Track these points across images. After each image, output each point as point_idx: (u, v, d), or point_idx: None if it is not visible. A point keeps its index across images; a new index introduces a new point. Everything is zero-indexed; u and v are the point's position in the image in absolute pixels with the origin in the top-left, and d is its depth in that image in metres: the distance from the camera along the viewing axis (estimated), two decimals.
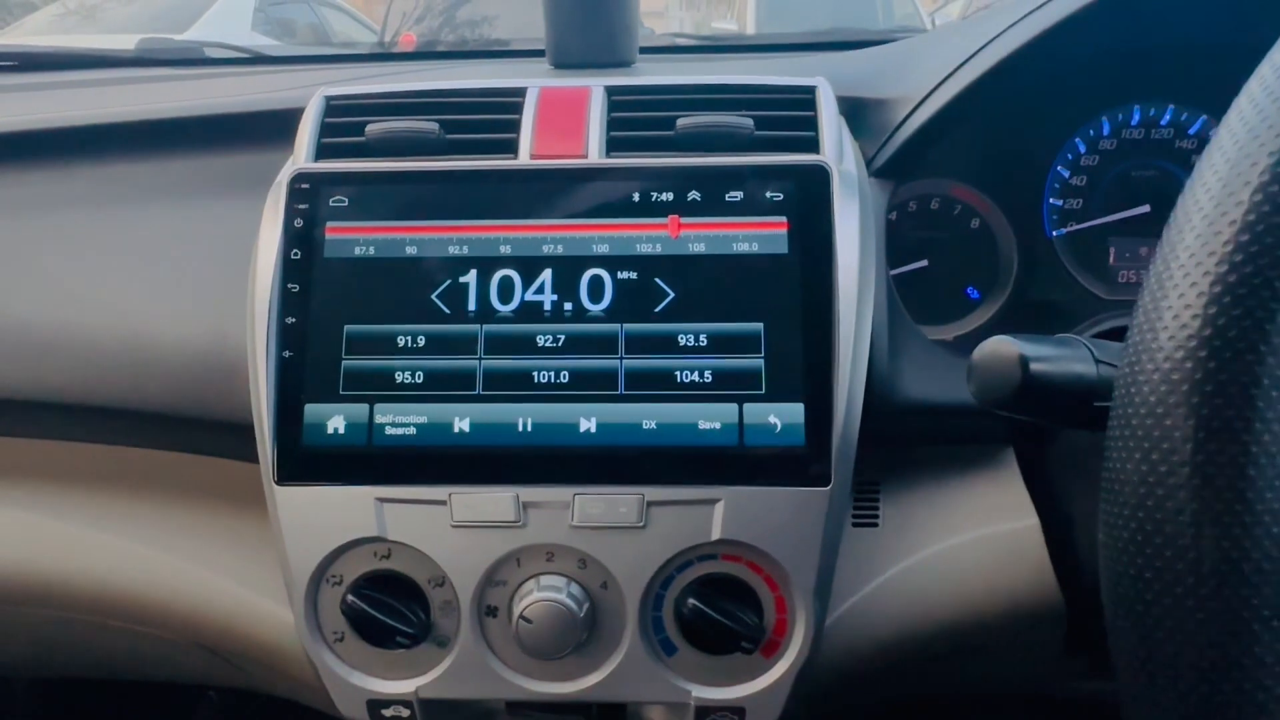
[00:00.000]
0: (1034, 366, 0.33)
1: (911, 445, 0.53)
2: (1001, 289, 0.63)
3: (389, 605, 0.47)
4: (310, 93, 0.56)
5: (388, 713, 0.49)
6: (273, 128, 0.57)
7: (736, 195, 0.48)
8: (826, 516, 0.45)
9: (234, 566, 0.53)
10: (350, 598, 0.47)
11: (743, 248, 0.47)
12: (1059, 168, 0.62)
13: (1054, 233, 0.63)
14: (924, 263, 0.63)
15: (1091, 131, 0.62)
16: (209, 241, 0.56)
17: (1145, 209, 0.62)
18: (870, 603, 0.50)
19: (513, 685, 0.48)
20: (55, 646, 0.64)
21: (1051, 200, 0.63)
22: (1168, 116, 0.62)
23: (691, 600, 0.46)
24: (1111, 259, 0.63)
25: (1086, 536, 0.48)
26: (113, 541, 0.54)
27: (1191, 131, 0.62)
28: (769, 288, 0.47)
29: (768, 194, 0.48)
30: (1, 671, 0.73)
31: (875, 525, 0.52)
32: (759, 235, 0.47)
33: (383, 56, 0.98)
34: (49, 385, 0.52)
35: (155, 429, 0.53)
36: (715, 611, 0.45)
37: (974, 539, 0.51)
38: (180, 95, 0.70)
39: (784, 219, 0.47)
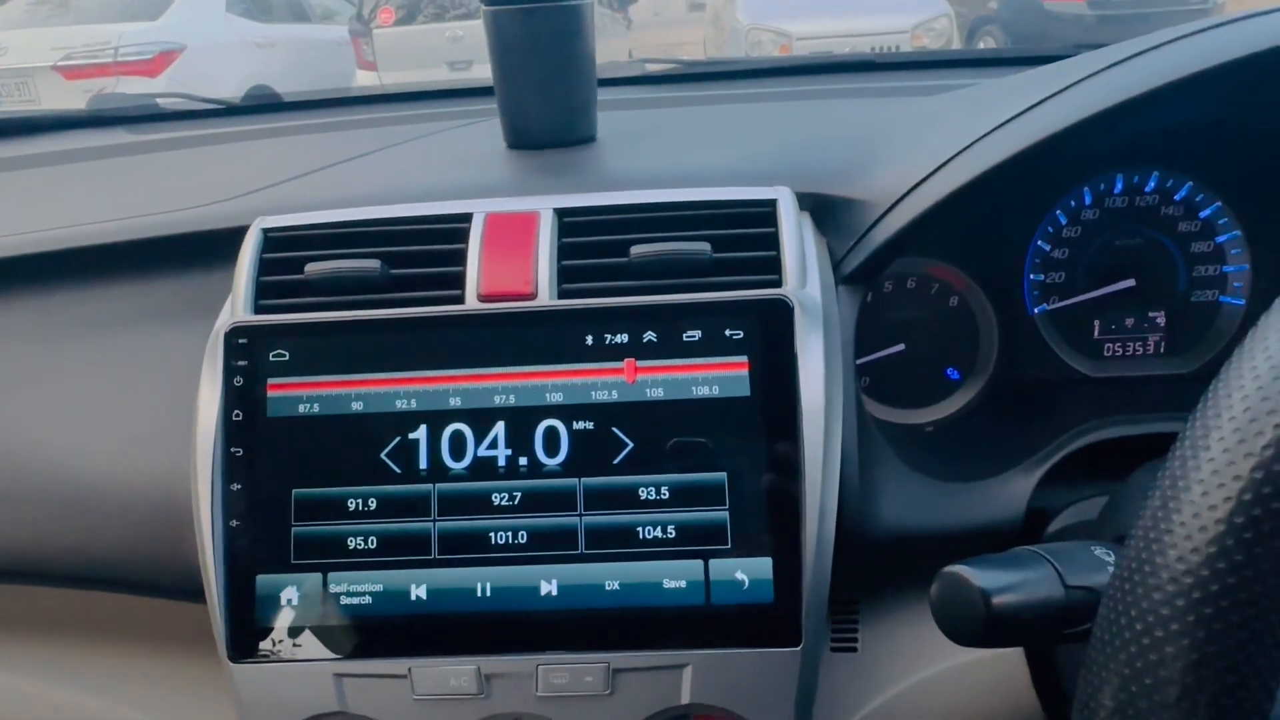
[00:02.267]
0: (997, 600, 0.31)
1: (892, 568, 0.51)
2: (983, 369, 0.61)
3: None
4: (254, 204, 0.53)
5: None
6: (214, 248, 0.55)
7: (694, 334, 0.45)
8: (800, 676, 0.44)
9: None
10: None
11: (703, 391, 0.45)
12: (1039, 241, 0.60)
13: (1036, 309, 0.60)
14: (900, 347, 0.61)
15: (1073, 202, 0.59)
16: (155, 376, 0.53)
17: (1130, 283, 0.60)
18: None
19: None
20: None
21: (1032, 276, 0.60)
22: (1152, 183, 0.59)
23: None
24: (1096, 333, 0.61)
25: (1072, 665, 0.47)
26: (70, 697, 0.53)
27: (1178, 197, 0.59)
28: (731, 434, 0.45)
29: (727, 332, 0.45)
30: None
31: (854, 650, 0.51)
32: (719, 377, 0.45)
33: (340, 101, 0.94)
34: None
35: (106, 583, 0.51)
36: None
37: (958, 666, 0.49)
38: (129, 186, 0.67)
39: (745, 359, 0.45)
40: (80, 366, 0.55)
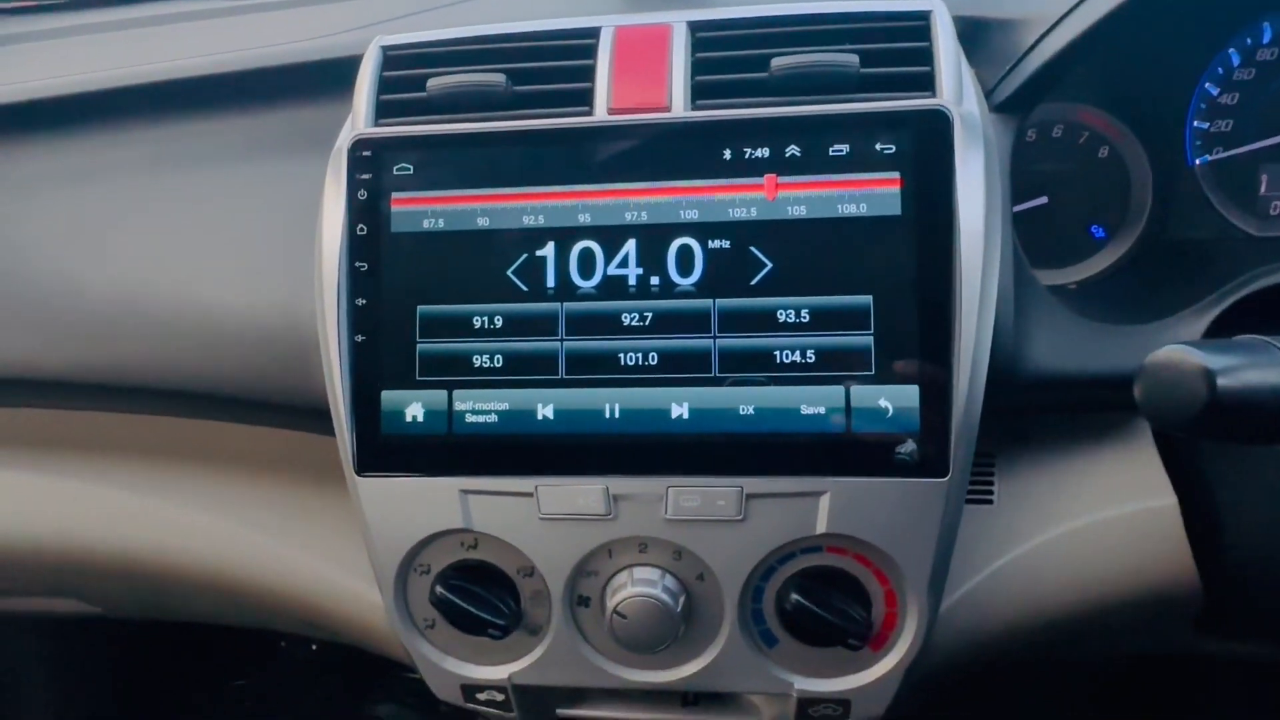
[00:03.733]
0: (1222, 382, 0.28)
1: (1033, 416, 0.48)
2: (1132, 226, 0.56)
3: (478, 596, 0.45)
4: (367, 36, 0.51)
5: (482, 696, 0.49)
6: (329, 78, 0.53)
7: (841, 149, 0.42)
8: (944, 509, 0.41)
9: (325, 546, 0.52)
10: (439, 589, 0.45)
11: (849, 210, 0.42)
12: (1206, 84, 0.54)
13: (1196, 160, 0.55)
14: (1043, 199, 0.56)
15: (1249, 39, 0.54)
16: (271, 207, 0.53)
17: None
18: (986, 590, 0.47)
19: (607, 674, 0.47)
20: (160, 596, 0.65)
21: (1195, 123, 0.55)
22: None
23: (795, 595, 0.43)
24: (1263, 189, 0.55)
25: (1236, 519, 0.44)
26: (202, 520, 0.54)
27: None
28: (879, 255, 0.42)
29: (878, 146, 0.42)
30: (105, 612, 0.75)
31: (990, 503, 0.48)
32: (868, 195, 0.42)
33: None
34: (125, 369, 0.51)
35: (234, 409, 0.51)
36: (820, 607, 0.43)
37: (1102, 520, 0.46)
38: (228, 40, 0.66)
39: (897, 175, 0.42)
40: (200, 197, 0.54)
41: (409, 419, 0.44)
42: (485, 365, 0.44)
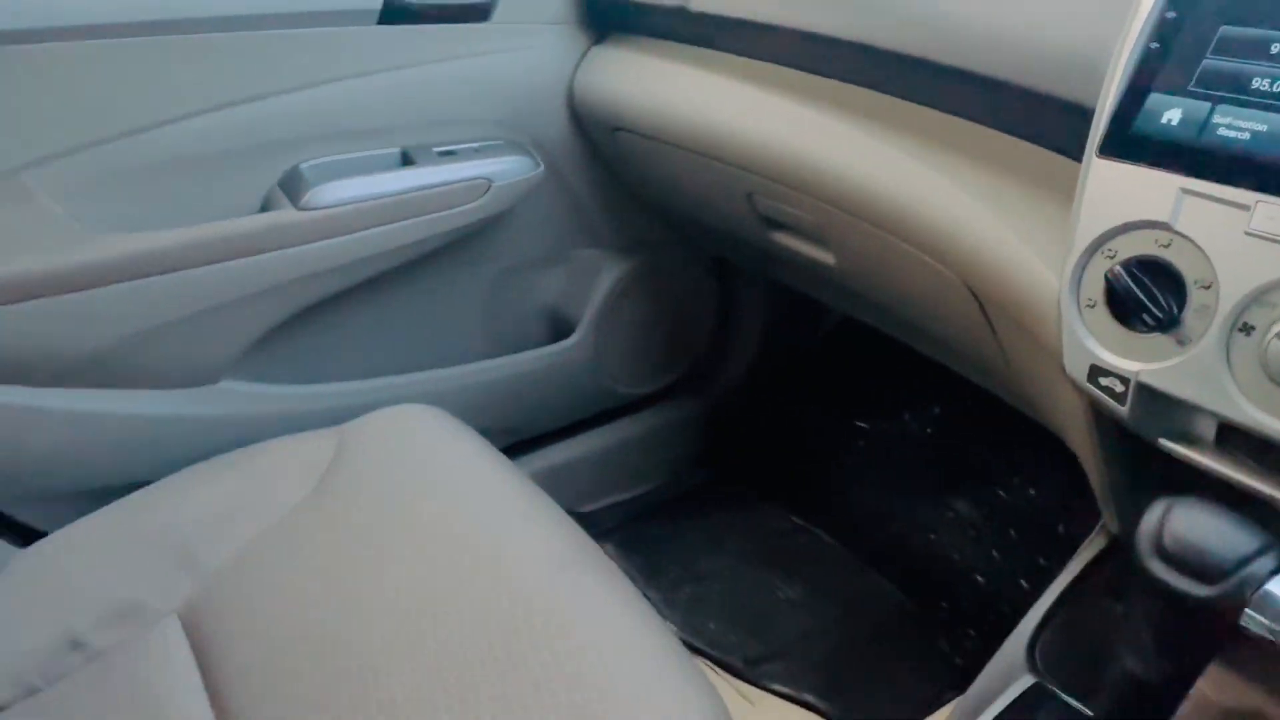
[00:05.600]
0: None
1: None
2: None
3: (1148, 288, 0.53)
4: None
5: (1104, 381, 0.57)
6: None
7: None
8: None
9: (1020, 225, 0.65)
10: (1117, 268, 0.54)
11: None
12: None
13: None
14: None
15: None
16: None
17: None
18: None
19: (1236, 405, 0.51)
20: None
21: None
22: None
23: None
24: None
25: None
26: (918, 167, 0.71)
27: None
28: None
29: None
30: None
31: None
32: None
33: None
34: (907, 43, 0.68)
35: (992, 96, 0.65)
36: None
37: None
38: None
39: None
40: None
41: (1163, 120, 0.52)
42: (1260, 88, 0.49)
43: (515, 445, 1.24)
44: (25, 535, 0.90)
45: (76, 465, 0.90)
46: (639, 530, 1.33)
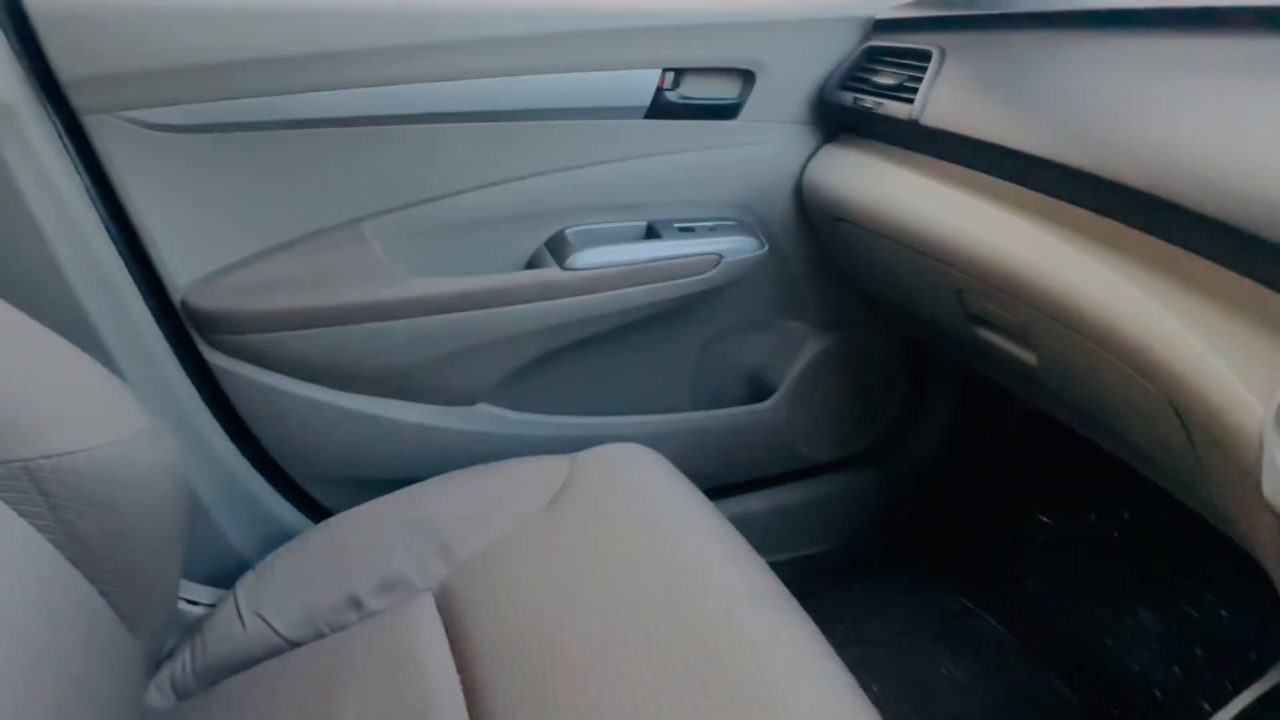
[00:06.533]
0: None
1: None
2: None
3: None
4: None
5: None
6: None
7: None
8: None
9: (1224, 350, 0.69)
10: None
11: None
12: None
13: None
14: None
15: None
16: None
17: None
18: None
19: None
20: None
21: None
22: None
23: None
24: None
25: None
26: (1124, 284, 0.76)
27: None
28: None
29: None
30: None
31: None
32: None
33: None
34: (1123, 173, 0.74)
35: (1208, 232, 0.70)
36: None
37: None
38: None
39: None
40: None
41: None
42: None
43: (709, 490, 1.36)
44: (318, 511, 1.11)
45: (363, 457, 1.10)
46: (812, 587, 1.40)
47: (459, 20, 0.96)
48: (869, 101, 1.08)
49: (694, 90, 1.09)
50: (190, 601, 0.99)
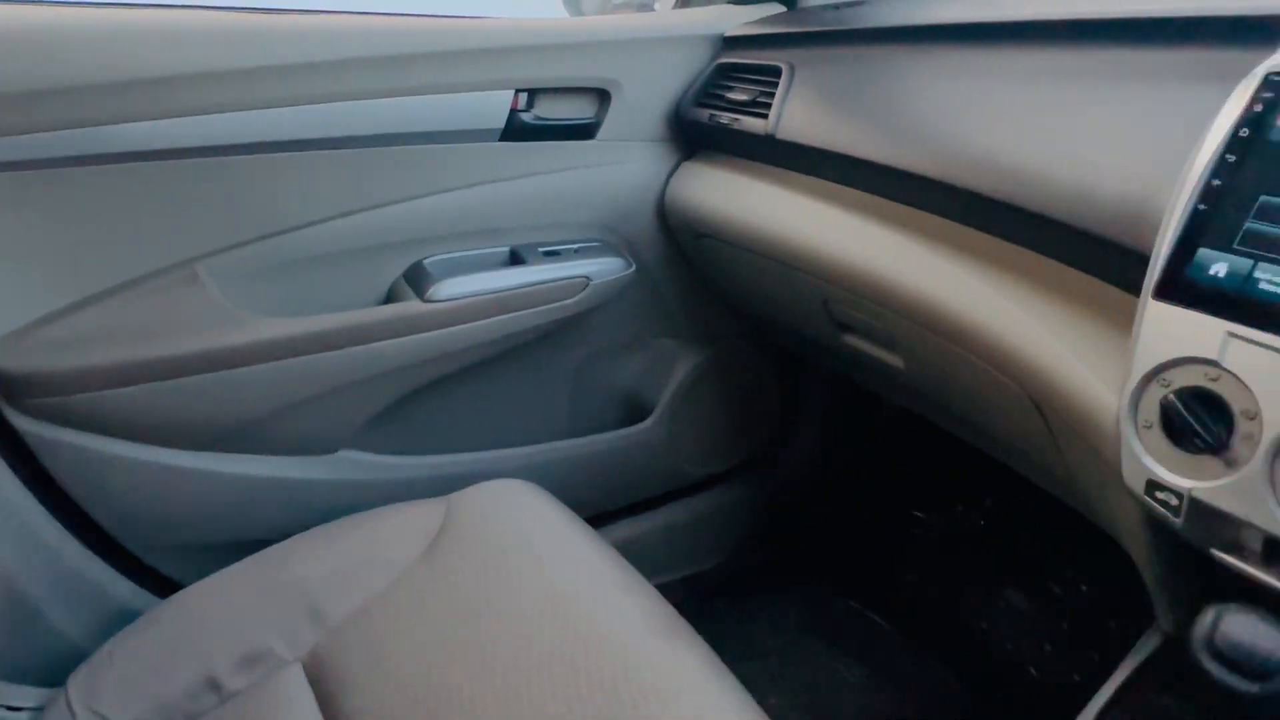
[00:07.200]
0: None
1: None
2: None
3: (1199, 416, 0.60)
4: None
5: (1159, 495, 0.64)
6: (1240, 30, 0.68)
7: None
8: None
9: (1078, 347, 0.72)
10: (1170, 397, 0.61)
11: None
12: None
13: None
14: None
15: None
16: (1159, 118, 0.71)
17: None
18: None
19: (1277, 521, 0.58)
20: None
21: None
22: None
23: None
24: None
25: None
26: (976, 281, 0.79)
27: None
28: None
29: None
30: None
31: None
32: None
33: None
34: (972, 177, 0.77)
35: (1052, 233, 0.73)
36: None
37: None
38: None
39: None
40: (1102, 101, 0.75)
41: (1211, 272, 0.60)
42: None
43: (593, 518, 1.32)
44: (165, 585, 1.00)
45: (212, 521, 1.00)
46: (702, 605, 1.39)
47: (294, 42, 0.90)
48: (725, 118, 1.08)
49: (549, 111, 1.07)
50: (11, 709, 0.86)
